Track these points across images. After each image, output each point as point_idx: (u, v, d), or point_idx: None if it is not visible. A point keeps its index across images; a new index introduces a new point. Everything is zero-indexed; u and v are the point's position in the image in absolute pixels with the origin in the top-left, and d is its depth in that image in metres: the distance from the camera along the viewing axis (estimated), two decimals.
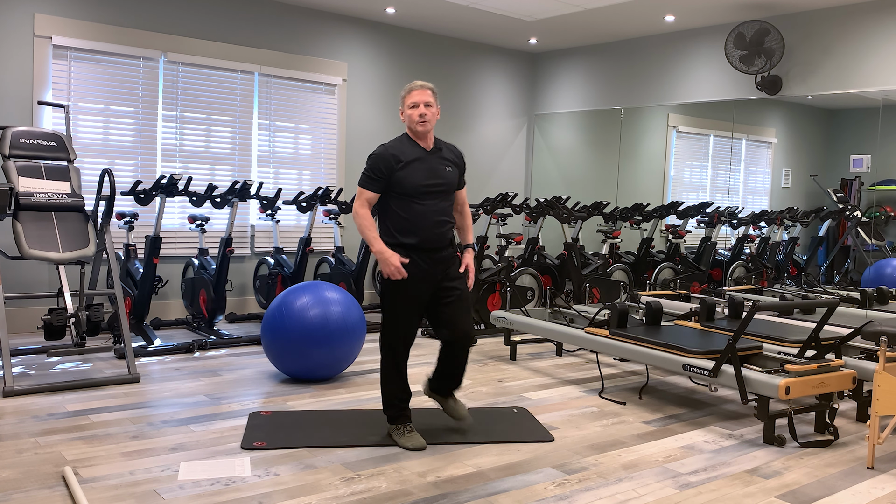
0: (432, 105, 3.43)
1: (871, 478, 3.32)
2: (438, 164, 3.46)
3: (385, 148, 3.42)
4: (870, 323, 3.69)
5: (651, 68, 7.64)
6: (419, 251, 3.42)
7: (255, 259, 6.88)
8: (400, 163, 3.40)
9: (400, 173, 3.39)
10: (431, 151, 3.48)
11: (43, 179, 4.71)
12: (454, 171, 3.52)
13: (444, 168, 3.47)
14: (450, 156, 3.54)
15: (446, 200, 3.49)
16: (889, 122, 6.13)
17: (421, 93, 3.41)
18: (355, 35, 7.37)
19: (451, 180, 3.49)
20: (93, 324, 4.50)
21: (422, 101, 3.40)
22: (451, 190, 3.50)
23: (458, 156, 3.59)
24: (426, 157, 3.45)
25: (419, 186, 3.40)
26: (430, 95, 3.43)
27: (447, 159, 3.51)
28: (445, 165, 3.48)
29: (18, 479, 2.99)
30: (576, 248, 6.98)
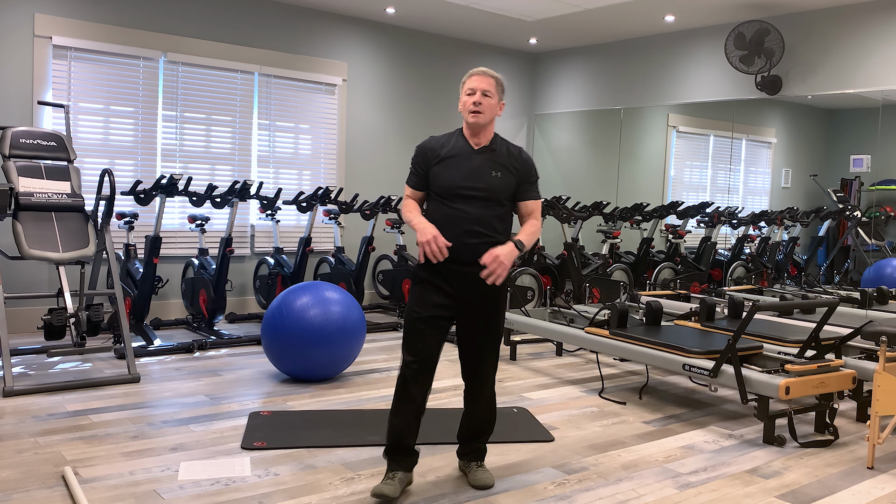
0: (492, 95, 2.96)
1: (871, 478, 3.32)
2: (484, 166, 2.96)
3: (429, 139, 3.05)
4: (870, 323, 3.69)
5: (651, 68, 7.64)
6: (444, 261, 2.94)
7: (255, 259, 6.88)
8: (437, 157, 2.99)
9: (435, 168, 2.98)
10: (481, 150, 2.98)
11: (43, 179, 4.71)
12: (505, 178, 2.96)
13: (490, 172, 2.95)
14: (505, 160, 2.99)
15: (488, 209, 2.93)
16: (889, 122, 6.13)
17: (481, 79, 2.96)
18: (355, 35, 7.37)
19: (495, 186, 2.94)
20: (93, 324, 4.50)
21: (479, 88, 2.94)
22: (493, 198, 2.94)
23: (522, 162, 3.02)
24: (471, 154, 2.97)
25: (452, 187, 2.94)
26: (493, 84, 2.96)
27: (499, 163, 2.97)
28: (494, 169, 2.96)
29: (18, 479, 2.99)
30: (576, 248, 6.98)
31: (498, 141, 3.03)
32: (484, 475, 3.10)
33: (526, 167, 3.02)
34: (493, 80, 2.97)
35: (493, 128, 3.04)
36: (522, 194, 3.03)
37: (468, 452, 3.17)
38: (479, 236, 2.93)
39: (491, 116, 2.97)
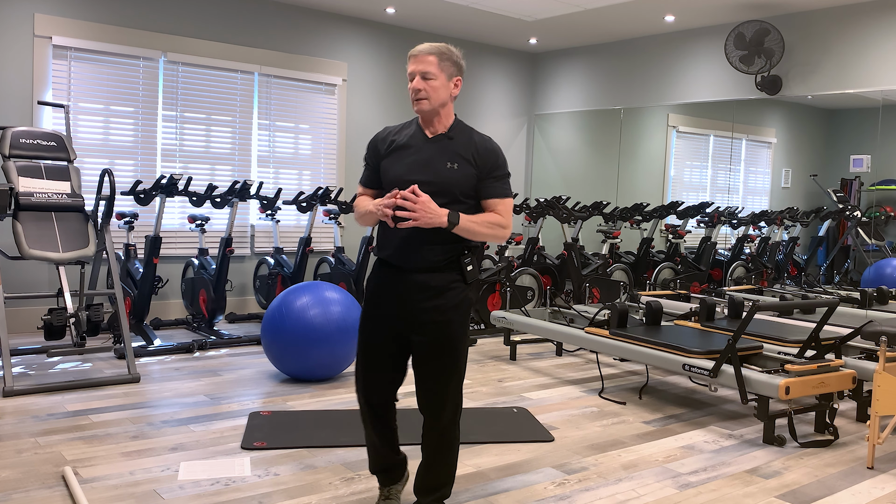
0: (436, 76, 2.48)
1: (871, 478, 3.32)
2: (437, 156, 2.51)
3: (382, 129, 2.65)
4: (870, 323, 3.69)
5: (651, 68, 7.64)
6: (389, 267, 2.57)
7: (255, 259, 6.88)
8: (387, 148, 2.58)
9: (385, 161, 2.58)
10: (436, 138, 2.54)
11: (43, 179, 4.71)
12: (463, 170, 2.50)
13: (444, 162, 2.50)
14: (464, 149, 2.52)
15: (440, 204, 2.45)
16: (889, 122, 6.13)
17: (418, 60, 2.50)
18: (355, 35, 7.37)
19: (449, 180, 2.48)
20: (93, 324, 4.50)
21: (418, 72, 2.49)
22: (447, 192, 2.48)
23: (485, 152, 2.53)
24: (424, 144, 2.54)
25: (398, 181, 2.50)
26: (434, 63, 2.48)
27: (457, 152, 2.52)
28: (449, 160, 2.50)
29: (18, 479, 2.99)
30: (576, 248, 6.98)
31: (458, 128, 2.57)
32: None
33: (490, 158, 2.53)
34: (433, 56, 2.49)
35: (450, 110, 2.57)
36: (485, 190, 2.53)
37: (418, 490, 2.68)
38: (427, 240, 2.49)
39: (440, 100, 2.50)
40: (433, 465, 2.63)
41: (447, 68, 2.51)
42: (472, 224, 2.47)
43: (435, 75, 2.49)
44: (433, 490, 2.65)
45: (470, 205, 2.53)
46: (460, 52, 2.59)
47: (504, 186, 2.56)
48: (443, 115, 2.56)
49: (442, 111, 2.55)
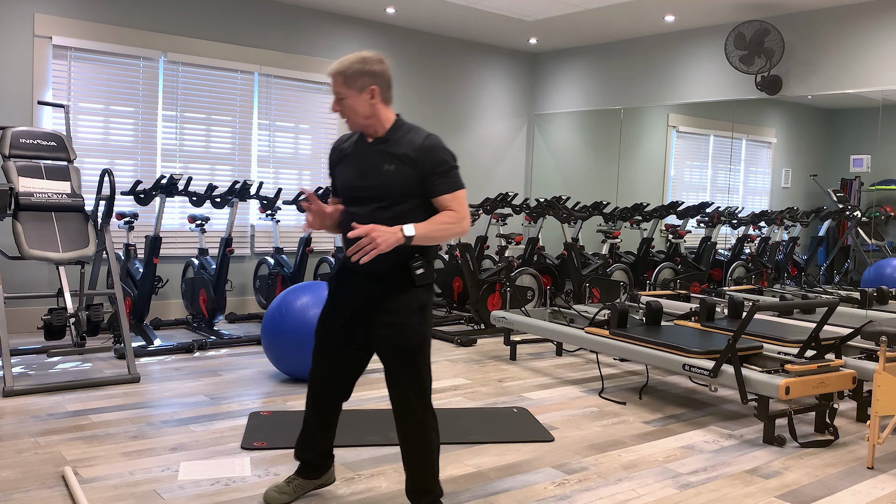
0: (344, 95, 2.51)
1: (871, 478, 3.32)
2: (376, 160, 2.54)
3: (339, 138, 2.72)
4: (870, 323, 3.69)
5: (651, 68, 7.64)
6: (347, 270, 2.66)
7: (255, 259, 6.88)
8: (338, 157, 2.67)
9: (336, 170, 2.67)
10: (375, 142, 2.57)
11: (43, 179, 4.71)
12: (400, 172, 2.50)
13: (380, 166, 2.52)
14: (399, 149, 2.52)
15: (383, 210, 2.51)
16: (889, 122, 6.13)
17: (331, 82, 2.53)
18: (355, 35, 7.37)
19: (387, 183, 2.50)
20: (93, 324, 4.50)
21: (333, 94, 2.54)
22: (388, 196, 2.50)
23: (422, 151, 2.51)
24: (364, 150, 2.58)
25: (345, 188, 2.60)
26: (339, 84, 2.50)
27: (393, 154, 2.52)
28: (385, 163, 2.52)
29: (18, 479, 2.99)
30: (576, 248, 6.98)
31: (397, 129, 2.56)
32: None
33: (428, 156, 2.50)
34: (338, 77, 2.50)
35: (385, 115, 2.56)
36: (432, 189, 2.51)
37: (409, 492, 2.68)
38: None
39: (360, 114, 2.52)
40: (408, 462, 2.64)
41: (355, 83, 2.50)
42: (428, 231, 2.47)
43: (344, 94, 2.51)
44: (421, 493, 2.65)
45: (416, 204, 2.52)
46: (374, 56, 2.53)
47: (450, 181, 2.53)
48: (376, 123, 2.56)
49: (372, 120, 2.55)
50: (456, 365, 5.22)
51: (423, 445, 2.60)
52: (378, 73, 2.53)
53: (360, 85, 2.51)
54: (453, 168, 2.55)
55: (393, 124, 2.58)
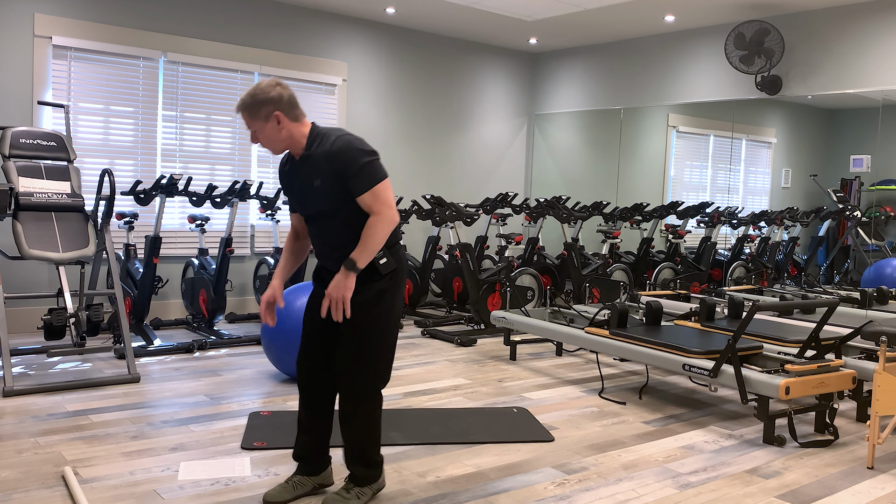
0: (256, 128, 2.62)
1: (871, 478, 3.32)
2: (306, 177, 2.67)
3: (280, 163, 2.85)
4: (870, 323, 3.69)
5: (651, 68, 7.64)
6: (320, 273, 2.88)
7: (255, 259, 6.88)
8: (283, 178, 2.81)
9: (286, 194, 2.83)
10: (301, 160, 2.68)
11: (43, 179, 4.71)
12: (325, 181, 2.60)
13: (311, 183, 2.65)
14: (320, 161, 2.61)
15: (329, 218, 2.65)
16: (889, 122, 6.13)
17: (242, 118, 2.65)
18: (355, 35, 7.37)
19: (321, 194, 2.62)
20: (93, 324, 4.50)
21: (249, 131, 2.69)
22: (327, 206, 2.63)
23: (332, 156, 2.58)
24: (297, 167, 2.71)
25: (296, 207, 2.79)
26: (246, 119, 2.62)
27: (314, 166, 2.63)
28: (313, 178, 2.63)
29: (18, 479, 2.99)
30: (576, 248, 6.98)
31: (313, 141, 2.65)
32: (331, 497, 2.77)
33: (339, 160, 2.57)
34: (244, 113, 2.61)
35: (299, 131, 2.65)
36: (352, 190, 2.59)
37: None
38: (336, 248, 2.69)
39: (276, 141, 2.63)
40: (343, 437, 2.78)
41: (259, 113, 2.58)
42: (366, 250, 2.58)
43: (256, 127, 2.61)
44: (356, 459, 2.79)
45: (351, 206, 2.62)
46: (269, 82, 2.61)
47: (366, 178, 2.57)
48: (294, 142, 2.65)
49: (290, 141, 2.65)
50: (456, 365, 5.22)
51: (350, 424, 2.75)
52: (276, 97, 2.60)
53: (265, 114, 2.59)
54: (367, 163, 2.58)
55: (308, 138, 2.66)
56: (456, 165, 8.21)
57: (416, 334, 6.31)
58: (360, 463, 2.80)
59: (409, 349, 5.70)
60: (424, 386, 4.63)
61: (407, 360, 5.34)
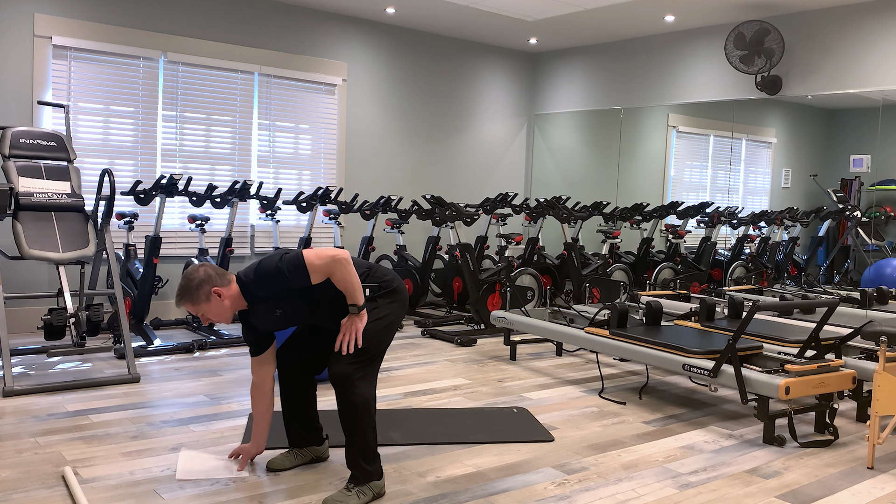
0: (203, 310, 2.86)
1: (871, 478, 3.32)
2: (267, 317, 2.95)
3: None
4: (870, 323, 3.69)
5: (651, 68, 7.64)
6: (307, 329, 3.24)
7: (255, 259, 6.88)
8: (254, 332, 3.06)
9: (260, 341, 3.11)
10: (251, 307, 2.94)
11: (43, 179, 4.71)
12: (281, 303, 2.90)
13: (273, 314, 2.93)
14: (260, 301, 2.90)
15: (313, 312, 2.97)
16: (889, 122, 6.13)
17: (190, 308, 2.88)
18: (355, 35, 7.37)
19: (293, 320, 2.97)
20: (93, 324, 4.50)
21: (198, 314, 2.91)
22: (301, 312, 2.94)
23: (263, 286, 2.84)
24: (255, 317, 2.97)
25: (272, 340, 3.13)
26: (193, 308, 2.87)
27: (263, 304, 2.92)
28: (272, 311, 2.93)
29: (18, 479, 2.99)
30: (576, 248, 6.98)
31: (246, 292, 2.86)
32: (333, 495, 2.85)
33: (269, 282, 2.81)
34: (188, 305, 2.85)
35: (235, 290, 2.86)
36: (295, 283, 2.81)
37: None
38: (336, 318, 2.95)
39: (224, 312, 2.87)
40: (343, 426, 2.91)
41: (200, 298, 2.83)
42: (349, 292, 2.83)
43: (203, 310, 2.86)
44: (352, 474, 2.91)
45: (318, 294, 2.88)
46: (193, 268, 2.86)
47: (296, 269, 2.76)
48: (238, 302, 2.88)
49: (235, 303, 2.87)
50: (456, 365, 5.22)
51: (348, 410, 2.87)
52: (205, 278, 2.84)
53: (205, 295, 2.83)
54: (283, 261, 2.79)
55: (241, 291, 2.86)
56: (456, 165, 8.21)
57: (416, 334, 6.31)
58: (360, 458, 2.88)
59: (409, 349, 5.70)
60: (424, 386, 4.63)
61: (407, 360, 5.34)
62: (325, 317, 2.96)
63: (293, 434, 3.22)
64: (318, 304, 2.91)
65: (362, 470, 2.88)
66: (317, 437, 3.25)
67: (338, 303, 2.90)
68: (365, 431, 2.86)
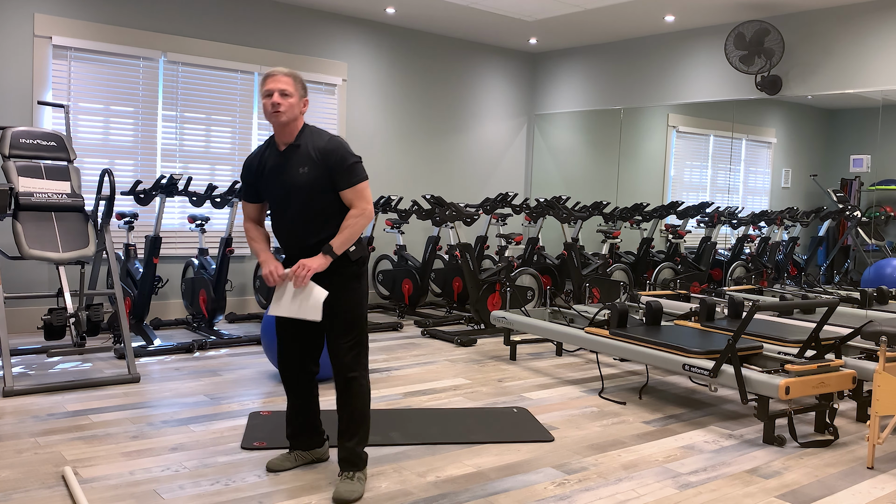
0: (292, 94, 2.89)
1: (871, 478, 3.32)
2: (291, 165, 2.92)
3: (252, 152, 3.08)
4: (870, 323, 3.69)
5: (651, 68, 7.64)
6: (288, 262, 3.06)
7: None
8: (259, 169, 3.02)
9: (261, 182, 3.02)
10: (286, 150, 2.95)
11: (43, 179, 4.71)
12: (312, 171, 2.88)
13: (296, 169, 2.90)
14: (308, 151, 2.91)
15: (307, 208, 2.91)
16: (889, 122, 6.13)
17: (277, 79, 2.89)
18: (355, 35, 7.37)
19: (304, 183, 2.88)
20: (93, 324, 4.50)
21: (276, 89, 2.88)
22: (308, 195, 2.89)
23: (327, 151, 2.90)
24: (279, 157, 2.96)
25: (273, 196, 2.98)
26: (290, 83, 2.90)
27: (305, 156, 2.91)
28: (300, 166, 2.90)
29: (18, 479, 2.99)
30: (576, 248, 6.98)
31: (304, 135, 2.94)
32: (342, 487, 2.91)
33: (333, 154, 2.89)
34: (289, 78, 2.91)
35: (300, 123, 2.96)
36: (337, 183, 2.91)
37: (340, 459, 3.02)
38: (312, 236, 2.93)
39: (293, 115, 2.90)
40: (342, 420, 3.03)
41: (299, 90, 2.94)
42: (344, 239, 2.90)
43: (291, 93, 2.91)
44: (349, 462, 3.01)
45: (331, 197, 2.91)
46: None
47: (353, 175, 2.91)
48: (293, 127, 2.94)
49: (293, 124, 2.94)
50: (456, 365, 5.22)
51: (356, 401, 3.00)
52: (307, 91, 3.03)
53: (301, 93, 2.95)
54: (354, 163, 2.92)
55: (301, 132, 2.97)
56: (456, 165, 8.21)
57: (416, 334, 6.31)
58: (360, 443, 3.00)
59: (409, 349, 5.70)
60: (424, 386, 4.63)
61: (407, 360, 5.34)
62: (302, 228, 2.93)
63: (296, 437, 3.23)
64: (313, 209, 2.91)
65: (361, 456, 3.01)
66: (319, 440, 3.27)
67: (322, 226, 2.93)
68: (368, 418, 3.03)
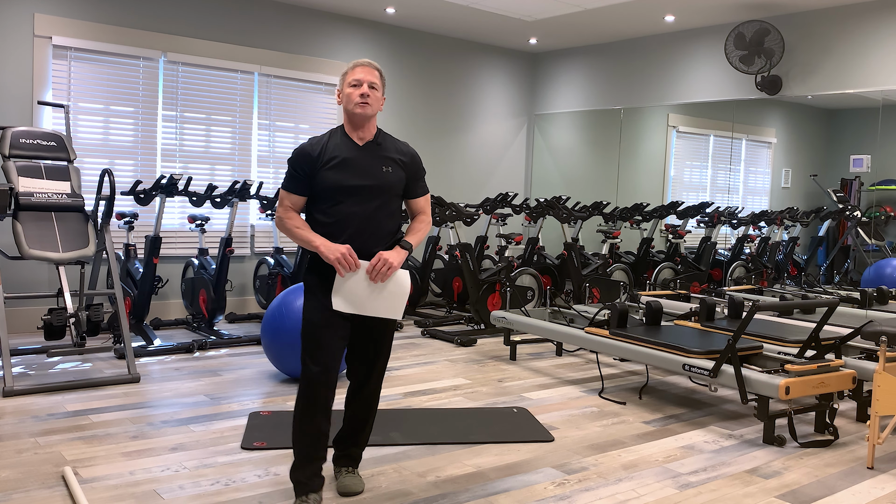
0: (378, 88, 2.83)
1: (871, 478, 3.33)
2: (373, 162, 2.82)
3: (307, 142, 2.83)
4: (870, 323, 3.69)
5: (651, 68, 7.64)
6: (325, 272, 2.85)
7: (255, 259, 6.88)
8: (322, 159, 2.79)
9: (323, 172, 2.78)
10: (367, 145, 2.84)
11: (43, 179, 4.71)
12: (396, 173, 2.84)
13: (380, 167, 2.82)
14: (393, 154, 2.87)
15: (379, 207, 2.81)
16: (889, 122, 6.13)
17: (367, 70, 2.81)
18: (355, 35, 7.37)
19: (387, 183, 2.81)
20: (93, 324, 4.50)
21: (366, 80, 2.79)
22: (385, 195, 2.81)
23: (409, 156, 2.90)
24: (357, 151, 2.82)
25: (341, 187, 2.77)
26: (378, 77, 2.83)
27: (388, 157, 2.85)
28: (384, 164, 2.83)
29: (18, 479, 2.99)
30: (576, 248, 6.98)
31: (382, 135, 2.89)
32: (352, 480, 2.98)
33: (414, 162, 2.91)
34: (377, 72, 2.84)
35: (376, 122, 2.93)
36: (412, 191, 2.93)
37: (341, 457, 3.03)
38: (373, 236, 2.80)
39: (377, 109, 2.83)
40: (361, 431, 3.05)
41: (384, 84, 2.91)
42: (418, 240, 2.93)
43: (378, 87, 2.86)
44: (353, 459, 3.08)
45: (398, 202, 2.91)
46: None
47: (425, 185, 3.00)
48: (372, 124, 2.88)
49: (373, 120, 2.89)
50: (456, 365, 5.22)
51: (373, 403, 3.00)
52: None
53: (384, 89, 2.92)
54: (425, 173, 3.02)
55: (378, 131, 2.91)
56: (456, 165, 8.21)
57: (416, 334, 6.31)
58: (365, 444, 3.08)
59: (409, 349, 5.70)
60: (424, 386, 4.63)
61: (407, 360, 5.34)
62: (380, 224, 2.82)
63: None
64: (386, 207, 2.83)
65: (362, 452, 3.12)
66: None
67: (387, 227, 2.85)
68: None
